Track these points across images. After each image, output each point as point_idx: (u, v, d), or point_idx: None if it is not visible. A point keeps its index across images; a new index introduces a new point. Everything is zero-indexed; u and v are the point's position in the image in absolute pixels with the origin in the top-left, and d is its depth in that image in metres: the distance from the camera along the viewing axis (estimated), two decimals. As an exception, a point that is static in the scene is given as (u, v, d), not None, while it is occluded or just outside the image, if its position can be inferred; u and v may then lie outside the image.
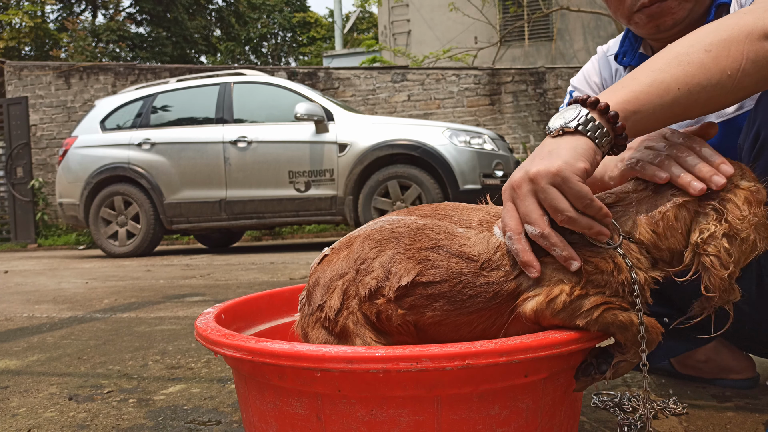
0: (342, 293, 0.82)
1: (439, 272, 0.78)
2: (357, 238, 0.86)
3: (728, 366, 1.22)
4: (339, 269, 0.84)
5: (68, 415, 1.25)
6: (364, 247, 0.83)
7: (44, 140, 9.47)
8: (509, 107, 8.26)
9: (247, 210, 5.68)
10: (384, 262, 0.81)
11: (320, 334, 0.82)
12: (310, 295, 0.85)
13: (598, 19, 10.86)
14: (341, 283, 0.82)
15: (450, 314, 0.79)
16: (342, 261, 0.84)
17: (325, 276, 0.84)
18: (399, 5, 11.98)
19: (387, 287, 0.79)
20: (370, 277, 0.80)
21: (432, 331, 0.81)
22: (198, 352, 1.80)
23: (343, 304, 0.81)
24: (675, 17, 1.03)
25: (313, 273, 0.88)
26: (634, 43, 1.18)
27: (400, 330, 0.81)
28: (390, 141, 5.30)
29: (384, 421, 0.68)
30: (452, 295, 0.78)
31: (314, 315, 0.83)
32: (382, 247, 0.82)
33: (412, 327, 0.81)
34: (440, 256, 0.79)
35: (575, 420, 0.84)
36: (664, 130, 0.83)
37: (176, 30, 20.18)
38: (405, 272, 0.79)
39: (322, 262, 0.88)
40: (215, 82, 5.96)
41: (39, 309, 2.83)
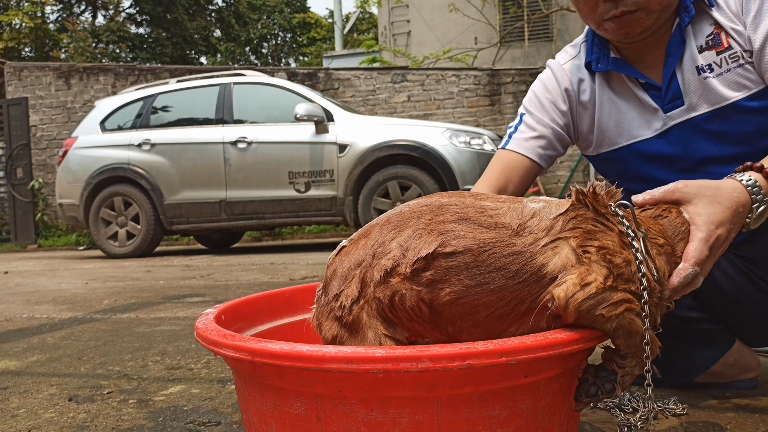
0: (360, 282, 0.79)
1: (464, 242, 0.76)
2: (375, 225, 0.84)
3: (748, 365, 1.21)
4: (357, 258, 0.81)
5: (68, 415, 1.25)
6: (382, 231, 0.81)
7: (44, 141, 9.47)
8: (509, 108, 8.26)
9: (247, 210, 5.69)
10: (402, 240, 0.78)
11: (332, 326, 0.80)
12: (327, 286, 0.84)
13: (597, 19, 10.85)
14: (359, 271, 0.80)
15: (469, 291, 0.75)
16: (360, 250, 0.82)
17: (342, 266, 0.82)
18: (399, 6, 11.98)
19: (403, 264, 0.76)
20: (386, 258, 0.78)
21: (447, 312, 0.77)
22: (198, 352, 1.80)
23: (361, 292, 0.79)
24: (643, 25, 1.08)
25: (330, 264, 0.85)
26: (603, 48, 1.20)
27: (412, 315, 0.78)
28: (390, 142, 5.30)
29: (384, 421, 0.68)
30: (474, 267, 0.75)
31: (329, 305, 0.81)
32: (400, 228, 0.80)
33: (426, 309, 0.77)
34: (466, 228, 0.77)
35: (575, 420, 0.84)
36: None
37: (176, 31, 20.18)
38: (425, 245, 0.76)
39: (340, 253, 0.85)
40: (215, 82, 5.96)
41: (39, 310, 2.83)
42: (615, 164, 1.26)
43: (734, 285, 1.14)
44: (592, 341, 0.74)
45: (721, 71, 1.08)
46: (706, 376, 1.24)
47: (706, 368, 1.21)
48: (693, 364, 1.21)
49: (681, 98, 1.13)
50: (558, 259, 0.75)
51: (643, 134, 1.18)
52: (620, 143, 1.22)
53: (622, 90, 1.19)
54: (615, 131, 1.22)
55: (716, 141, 1.12)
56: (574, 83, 1.25)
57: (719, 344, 1.19)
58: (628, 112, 1.19)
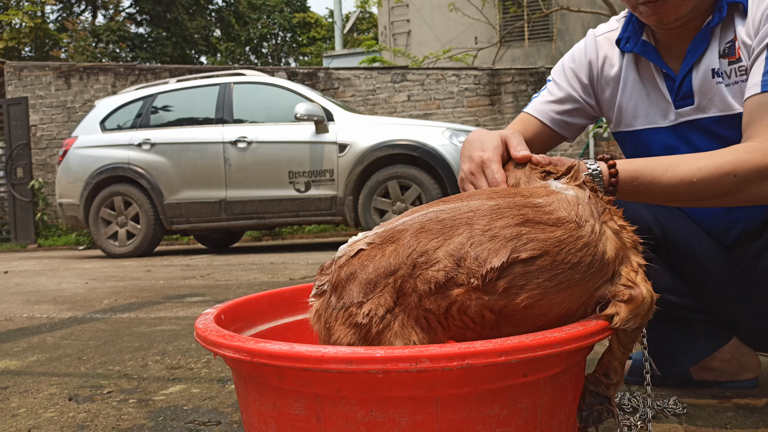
0: (396, 291, 0.75)
1: (539, 244, 0.74)
2: (404, 232, 0.79)
3: (747, 364, 1.21)
4: (387, 266, 0.77)
5: (68, 415, 1.25)
6: (418, 239, 0.77)
7: (44, 140, 9.47)
8: (509, 107, 8.26)
9: (247, 210, 5.68)
10: (452, 250, 0.74)
11: (349, 333, 0.76)
12: (342, 289, 0.78)
13: (598, 19, 10.86)
14: (393, 280, 0.76)
15: (548, 292, 0.74)
16: (389, 257, 0.77)
17: (366, 272, 0.77)
18: (399, 5, 11.98)
19: (466, 275, 0.73)
20: (433, 269, 0.74)
21: (519, 316, 0.76)
22: (198, 352, 1.80)
23: (397, 302, 0.75)
24: (678, 13, 1.06)
25: (344, 265, 0.80)
26: (637, 29, 1.18)
27: (468, 323, 0.76)
28: (390, 141, 5.30)
29: (383, 421, 0.68)
30: (553, 268, 0.74)
31: (347, 311, 0.77)
32: (446, 236, 0.76)
33: (492, 316, 0.76)
34: (534, 229, 0.75)
35: (575, 420, 0.84)
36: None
37: (176, 30, 20.18)
38: (493, 254, 0.73)
39: (359, 255, 0.79)
40: (215, 82, 5.96)
41: (39, 309, 2.83)
42: (629, 145, 1.26)
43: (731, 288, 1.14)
44: (591, 340, 0.74)
45: (729, 82, 1.07)
46: (704, 373, 1.24)
47: (699, 360, 1.20)
48: (686, 355, 1.20)
49: (692, 97, 1.12)
50: (610, 244, 0.78)
51: (659, 122, 1.18)
52: (635, 126, 1.22)
53: (647, 75, 1.19)
54: (632, 113, 1.22)
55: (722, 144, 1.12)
56: (600, 56, 1.25)
57: (715, 338, 1.19)
58: (648, 98, 1.19)
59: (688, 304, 1.17)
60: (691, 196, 0.93)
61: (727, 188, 0.91)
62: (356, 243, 0.82)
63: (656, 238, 1.16)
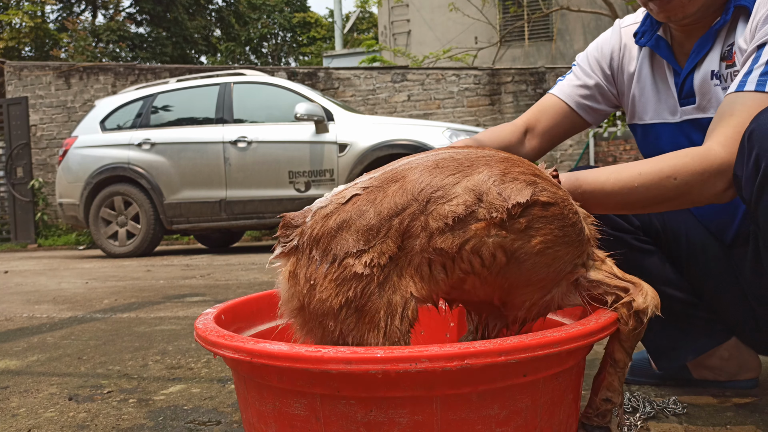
0: (401, 234, 0.70)
1: (551, 194, 0.76)
2: (411, 170, 0.74)
3: (747, 363, 1.21)
4: (392, 206, 0.71)
5: (68, 415, 1.25)
6: (433, 175, 0.72)
7: (44, 140, 9.47)
8: (509, 107, 8.26)
9: (247, 210, 5.68)
10: (472, 185, 0.72)
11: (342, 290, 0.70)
12: (332, 240, 0.71)
13: (598, 19, 10.86)
14: (398, 221, 0.70)
15: (556, 242, 0.76)
16: (394, 197, 0.71)
17: (366, 217, 0.71)
18: (399, 5, 11.98)
19: (487, 209, 0.71)
20: (452, 203, 0.71)
21: (529, 262, 0.75)
22: (198, 352, 1.80)
23: (401, 246, 0.70)
24: (685, 11, 1.06)
25: (331, 214, 0.73)
26: (654, 24, 1.19)
27: (476, 267, 0.73)
28: (390, 141, 5.30)
29: (383, 421, 0.68)
30: (561, 219, 0.76)
31: (341, 264, 0.70)
32: (465, 173, 0.73)
33: (504, 258, 0.74)
34: (544, 182, 0.77)
35: (574, 420, 0.84)
36: None
37: (176, 30, 20.17)
38: (516, 192, 0.72)
39: (353, 200, 0.73)
40: (215, 82, 5.96)
41: (39, 309, 2.83)
42: (639, 138, 1.27)
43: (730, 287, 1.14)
44: (591, 339, 0.74)
45: (726, 85, 1.08)
46: (703, 371, 1.24)
47: (696, 356, 1.20)
48: (683, 350, 1.20)
49: (693, 96, 1.13)
50: (585, 225, 0.82)
51: (667, 118, 1.19)
52: (645, 120, 1.23)
53: (659, 70, 1.20)
54: (642, 107, 1.23)
55: None
56: (621, 48, 1.26)
57: (713, 336, 1.19)
58: (658, 93, 1.20)
59: (688, 299, 1.17)
60: (636, 202, 0.93)
61: (670, 192, 0.91)
62: (345, 191, 0.76)
63: (657, 231, 1.16)
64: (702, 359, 1.22)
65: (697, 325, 1.19)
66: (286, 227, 0.77)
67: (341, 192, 0.76)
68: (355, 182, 0.77)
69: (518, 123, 1.29)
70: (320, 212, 0.75)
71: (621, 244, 1.15)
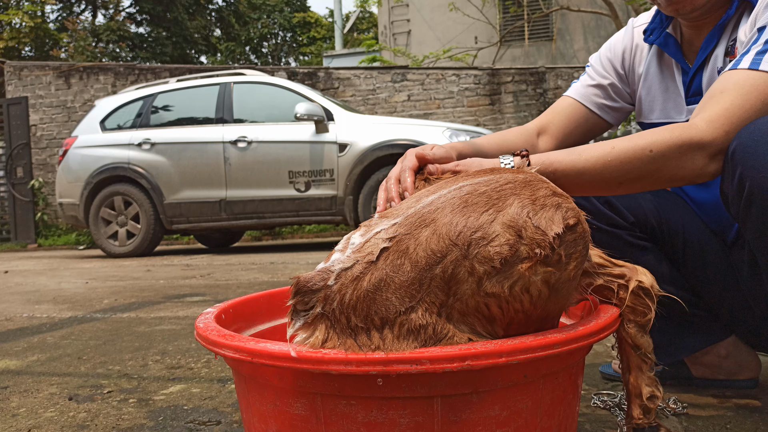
0: (446, 283, 0.66)
1: (574, 213, 0.72)
2: (439, 211, 0.69)
3: (746, 362, 1.21)
4: (430, 255, 0.66)
5: (68, 415, 1.25)
6: (466, 215, 0.68)
7: (44, 140, 9.47)
8: (509, 107, 8.26)
9: (247, 210, 5.68)
10: (509, 220, 0.67)
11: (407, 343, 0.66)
12: (370, 307, 0.66)
13: (598, 19, 10.86)
14: (441, 270, 0.66)
15: (583, 261, 0.72)
16: (429, 244, 0.66)
17: (403, 271, 0.66)
18: (399, 5, 11.98)
19: (529, 245, 0.66)
20: (494, 244, 0.66)
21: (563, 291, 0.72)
22: (198, 352, 1.80)
23: (450, 293, 0.66)
24: (694, 4, 1.05)
25: (361, 276, 0.67)
26: (663, 21, 1.18)
27: (524, 304, 0.69)
28: (390, 141, 5.30)
29: (383, 422, 0.68)
30: (584, 236, 0.72)
31: (398, 323, 0.65)
32: (497, 207, 0.68)
33: (547, 291, 0.69)
34: (566, 201, 0.73)
35: (574, 420, 0.84)
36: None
37: (176, 30, 20.17)
38: (549, 221, 0.68)
39: (384, 256, 0.67)
40: (215, 82, 5.96)
41: (39, 309, 2.83)
42: None
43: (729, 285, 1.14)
44: (591, 340, 0.74)
45: None
46: (701, 369, 1.24)
47: (691, 352, 1.20)
48: (677, 346, 1.20)
49: (701, 95, 1.12)
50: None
51: (674, 117, 1.18)
52: (651, 119, 1.22)
53: (667, 68, 1.19)
54: (648, 106, 1.22)
55: None
56: (633, 47, 1.25)
57: (710, 334, 1.19)
58: (666, 92, 1.19)
59: (684, 296, 1.17)
60: (611, 179, 0.88)
61: (646, 166, 0.87)
62: (368, 244, 0.70)
63: (653, 227, 1.16)
64: (698, 356, 1.22)
65: (694, 323, 1.19)
66: (304, 293, 0.70)
67: (362, 246, 0.70)
68: (374, 230, 0.71)
69: (529, 126, 1.27)
70: (346, 274, 0.68)
71: (615, 240, 1.15)
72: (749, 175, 0.82)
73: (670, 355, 1.21)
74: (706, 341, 1.19)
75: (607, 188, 0.92)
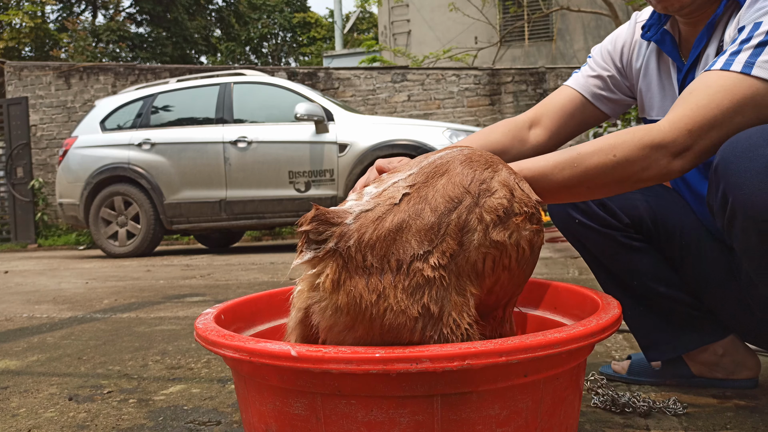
0: (459, 230, 0.69)
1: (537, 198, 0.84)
2: (450, 163, 0.74)
3: (744, 361, 1.21)
4: (448, 200, 0.69)
5: (68, 415, 1.25)
6: (473, 168, 0.74)
7: (44, 140, 9.47)
8: (509, 107, 8.26)
9: (247, 210, 5.68)
10: (503, 180, 0.76)
11: (415, 297, 0.66)
12: (390, 247, 0.66)
13: (598, 19, 10.86)
14: (456, 216, 0.69)
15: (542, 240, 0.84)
16: (446, 190, 0.70)
17: (424, 215, 0.68)
18: (399, 5, 11.98)
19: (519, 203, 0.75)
20: (495, 198, 0.73)
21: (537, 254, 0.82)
22: (198, 352, 1.80)
23: (461, 242, 0.69)
24: (681, 2, 1.05)
25: (383, 217, 0.67)
26: (662, 18, 1.18)
27: (512, 259, 0.76)
28: (390, 141, 5.30)
29: (384, 421, 0.68)
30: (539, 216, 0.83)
31: (411, 268, 0.65)
32: (493, 168, 0.77)
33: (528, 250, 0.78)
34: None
35: (575, 420, 0.84)
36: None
37: (176, 30, 20.16)
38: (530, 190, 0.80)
39: (407, 199, 0.69)
40: (215, 82, 5.96)
41: (39, 309, 2.83)
42: None
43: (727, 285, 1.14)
44: (592, 340, 0.74)
45: None
46: (699, 367, 1.24)
47: (687, 349, 1.20)
48: (671, 345, 1.20)
49: None
50: None
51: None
52: (652, 116, 1.22)
53: (664, 65, 1.19)
54: (648, 103, 1.22)
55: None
56: (633, 42, 1.25)
57: (707, 333, 1.19)
58: (663, 89, 1.19)
59: (680, 296, 1.17)
60: (579, 185, 0.89)
61: (612, 171, 0.87)
62: (388, 190, 0.71)
63: (649, 228, 1.16)
64: (696, 353, 1.22)
65: (690, 322, 1.19)
66: (321, 222, 0.67)
67: (381, 193, 0.71)
68: (391, 181, 0.73)
69: (520, 118, 1.25)
70: (367, 215, 0.68)
71: (609, 241, 1.15)
72: (732, 192, 0.82)
73: (666, 353, 1.21)
74: (704, 340, 1.19)
75: (576, 194, 0.92)
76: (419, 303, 0.66)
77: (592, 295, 0.96)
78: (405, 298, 0.66)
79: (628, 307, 1.22)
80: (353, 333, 0.69)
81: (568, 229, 1.22)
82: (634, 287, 1.19)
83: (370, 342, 0.70)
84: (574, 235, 1.22)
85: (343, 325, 0.69)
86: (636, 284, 1.19)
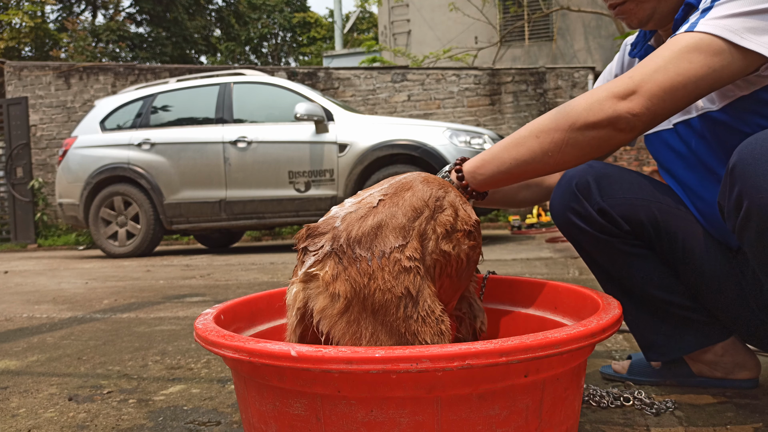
0: (420, 236, 0.82)
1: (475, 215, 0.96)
2: (413, 181, 0.89)
3: (744, 361, 1.21)
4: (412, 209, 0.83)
5: (68, 415, 1.25)
6: (430, 187, 0.88)
7: (44, 140, 9.47)
8: (509, 107, 8.26)
9: (247, 210, 5.68)
10: (451, 201, 0.89)
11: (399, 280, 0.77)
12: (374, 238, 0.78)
13: (598, 18, 10.86)
14: (418, 224, 0.82)
15: (479, 256, 0.98)
16: (411, 201, 0.84)
17: (396, 217, 0.81)
18: (399, 5, 11.98)
19: (461, 222, 0.88)
20: (444, 214, 0.87)
21: (472, 267, 0.96)
22: (198, 352, 1.80)
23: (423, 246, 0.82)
24: (639, 17, 1.08)
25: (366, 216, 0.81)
26: (647, 35, 1.20)
27: (453, 268, 0.88)
28: (390, 141, 5.30)
29: (384, 421, 0.68)
30: (480, 233, 0.97)
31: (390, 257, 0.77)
32: (444, 189, 0.90)
33: (465, 261, 0.91)
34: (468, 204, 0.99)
35: (575, 420, 0.84)
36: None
37: (176, 30, 20.17)
38: (471, 212, 0.93)
39: (382, 204, 0.83)
40: (215, 82, 5.96)
41: (39, 309, 2.83)
42: (649, 147, 1.28)
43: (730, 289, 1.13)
44: (593, 340, 0.74)
45: None
46: (699, 366, 1.24)
47: (685, 352, 1.20)
48: (671, 347, 1.20)
49: None
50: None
51: (664, 125, 1.19)
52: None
53: None
54: None
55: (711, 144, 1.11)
56: (624, 64, 1.27)
57: (708, 336, 1.19)
58: None
59: (682, 302, 1.17)
60: (527, 167, 0.96)
61: (554, 117, 0.94)
62: (366, 198, 0.86)
63: (649, 233, 1.15)
64: (696, 354, 1.22)
65: (690, 324, 1.19)
66: (315, 236, 0.81)
67: (360, 201, 0.85)
68: (367, 193, 0.87)
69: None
70: (351, 216, 0.81)
71: (607, 247, 1.15)
72: (748, 194, 0.82)
73: (666, 354, 1.21)
74: (704, 342, 1.19)
75: (531, 173, 0.98)
76: (402, 285, 0.77)
77: (593, 295, 0.96)
78: (391, 279, 0.77)
79: (628, 308, 1.22)
80: (343, 319, 0.78)
81: (568, 231, 1.22)
82: (634, 291, 1.19)
83: (362, 324, 0.77)
84: (574, 238, 1.22)
85: (338, 309, 0.77)
86: (636, 288, 1.19)
